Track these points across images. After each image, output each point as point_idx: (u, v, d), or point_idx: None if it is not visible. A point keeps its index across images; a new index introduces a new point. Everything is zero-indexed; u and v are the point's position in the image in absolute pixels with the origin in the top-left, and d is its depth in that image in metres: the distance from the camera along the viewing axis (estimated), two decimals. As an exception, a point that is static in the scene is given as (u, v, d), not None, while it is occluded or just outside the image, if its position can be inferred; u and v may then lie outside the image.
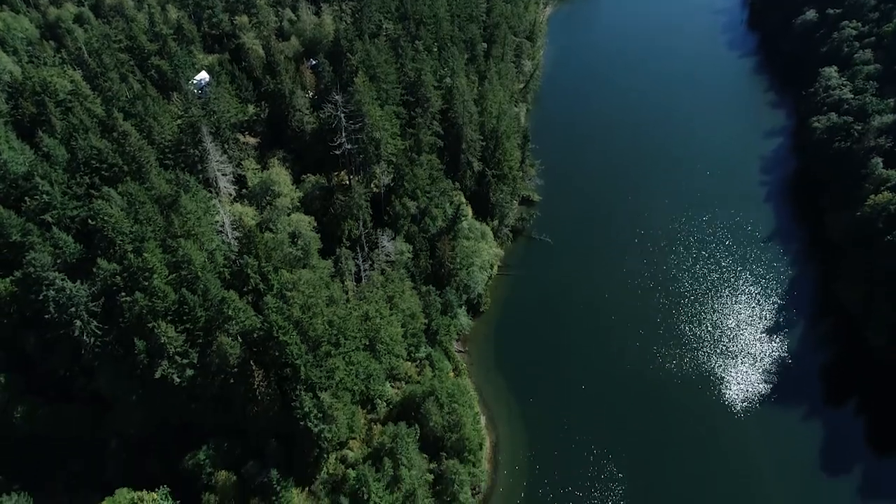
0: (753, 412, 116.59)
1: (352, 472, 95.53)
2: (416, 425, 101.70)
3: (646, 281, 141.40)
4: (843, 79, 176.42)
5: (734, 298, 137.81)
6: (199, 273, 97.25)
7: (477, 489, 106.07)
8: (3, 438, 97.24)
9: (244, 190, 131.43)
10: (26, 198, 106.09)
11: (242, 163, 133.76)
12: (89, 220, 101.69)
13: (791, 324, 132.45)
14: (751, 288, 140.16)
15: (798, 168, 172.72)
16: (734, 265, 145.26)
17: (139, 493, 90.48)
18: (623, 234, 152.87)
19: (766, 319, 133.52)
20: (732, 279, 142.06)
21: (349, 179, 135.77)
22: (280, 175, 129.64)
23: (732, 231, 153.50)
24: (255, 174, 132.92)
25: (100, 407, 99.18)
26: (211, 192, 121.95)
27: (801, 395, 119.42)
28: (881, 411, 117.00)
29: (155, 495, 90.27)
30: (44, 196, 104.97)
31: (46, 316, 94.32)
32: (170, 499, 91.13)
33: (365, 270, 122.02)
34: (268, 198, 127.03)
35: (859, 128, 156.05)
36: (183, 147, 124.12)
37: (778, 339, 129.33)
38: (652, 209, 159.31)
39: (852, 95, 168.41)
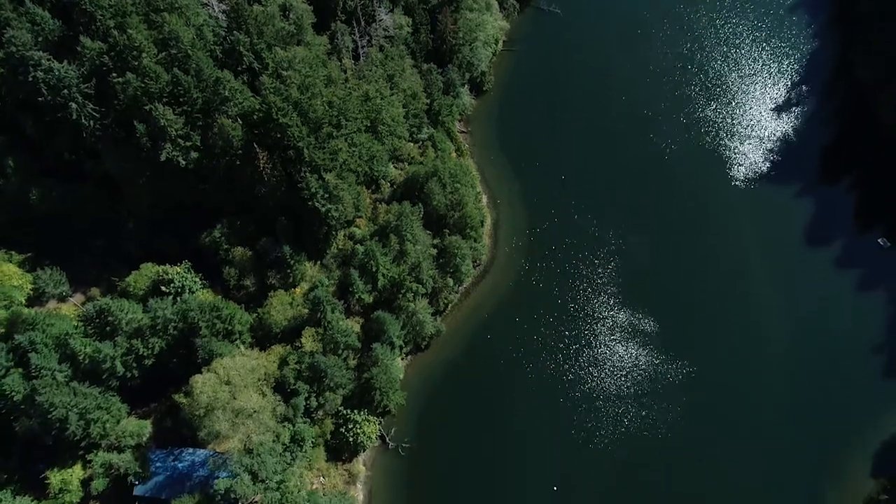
0: (751, 188, 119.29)
1: (360, 248, 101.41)
2: (420, 204, 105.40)
3: (658, 55, 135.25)
4: None
5: (749, 74, 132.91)
6: (189, 51, 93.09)
7: (478, 262, 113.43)
8: (24, 220, 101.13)
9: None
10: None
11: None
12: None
13: (802, 101, 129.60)
14: (768, 61, 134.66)
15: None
16: (754, 38, 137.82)
17: (163, 266, 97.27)
18: (639, 3, 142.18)
19: (777, 96, 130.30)
20: (750, 53, 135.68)
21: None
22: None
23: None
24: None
25: (113, 189, 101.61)
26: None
27: (801, 172, 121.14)
28: (878, 186, 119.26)
29: (178, 268, 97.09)
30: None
31: (40, 98, 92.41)
32: (192, 272, 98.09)
33: (363, 47, 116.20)
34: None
35: None
36: None
37: (786, 117, 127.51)
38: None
39: None
